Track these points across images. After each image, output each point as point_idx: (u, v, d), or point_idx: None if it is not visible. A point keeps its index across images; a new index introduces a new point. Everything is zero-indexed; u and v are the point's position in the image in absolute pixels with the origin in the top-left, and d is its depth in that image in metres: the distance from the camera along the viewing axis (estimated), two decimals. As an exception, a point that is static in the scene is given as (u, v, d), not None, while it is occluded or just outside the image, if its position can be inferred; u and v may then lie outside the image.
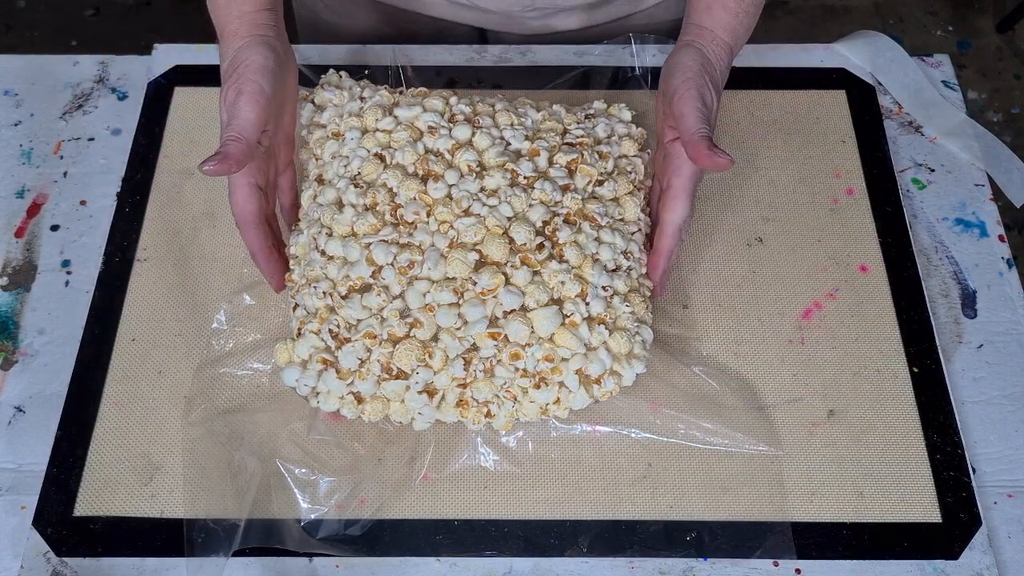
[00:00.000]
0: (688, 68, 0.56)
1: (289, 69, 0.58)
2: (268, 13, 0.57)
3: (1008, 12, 1.80)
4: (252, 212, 0.56)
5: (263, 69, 0.54)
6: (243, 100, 0.53)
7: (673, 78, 0.56)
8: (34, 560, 0.54)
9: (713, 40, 0.58)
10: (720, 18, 0.58)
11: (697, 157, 0.53)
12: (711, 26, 0.58)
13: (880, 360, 0.60)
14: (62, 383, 0.59)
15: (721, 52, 0.58)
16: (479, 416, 0.53)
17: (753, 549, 0.54)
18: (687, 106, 0.54)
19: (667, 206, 0.57)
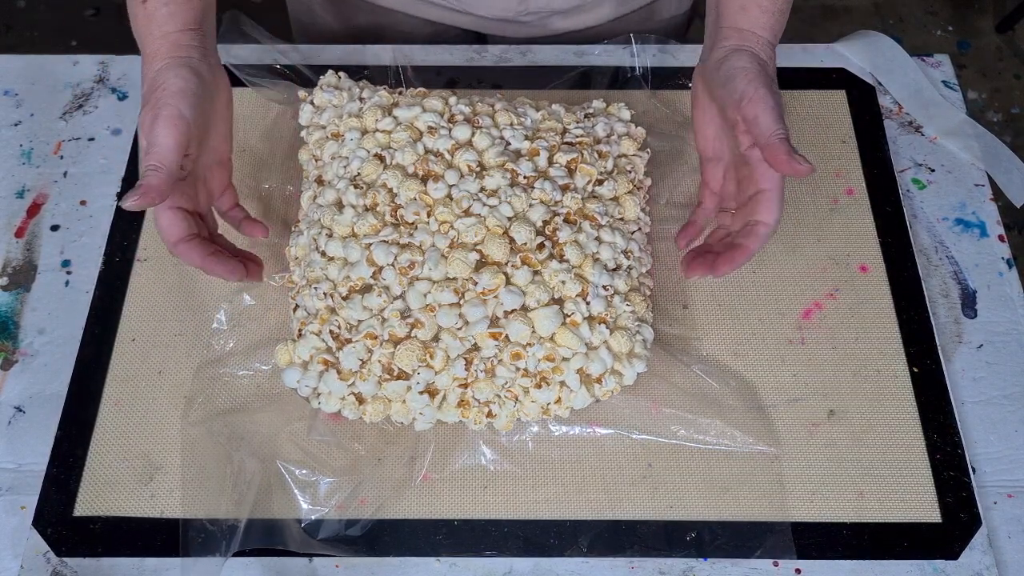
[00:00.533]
0: (748, 71, 0.53)
1: (217, 90, 0.56)
2: (192, 33, 0.54)
3: (1008, 12, 1.80)
4: (179, 233, 0.54)
5: (182, 92, 0.52)
6: (160, 125, 0.51)
7: (735, 83, 0.53)
8: (34, 560, 0.54)
9: (758, 41, 0.55)
10: (758, 18, 0.55)
11: (776, 162, 0.51)
12: (751, 28, 0.55)
13: (880, 360, 0.60)
14: (62, 383, 0.59)
15: (770, 51, 0.56)
16: (480, 416, 0.53)
17: (753, 549, 0.54)
18: (759, 107, 0.51)
19: (761, 210, 0.55)
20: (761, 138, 0.51)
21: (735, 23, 0.56)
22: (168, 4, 0.54)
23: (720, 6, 0.57)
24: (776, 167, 0.51)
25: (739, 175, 0.57)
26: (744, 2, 0.56)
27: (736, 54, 0.55)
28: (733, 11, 0.56)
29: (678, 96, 0.71)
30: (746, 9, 0.55)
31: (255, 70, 0.68)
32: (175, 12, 0.54)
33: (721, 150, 0.59)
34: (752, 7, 0.55)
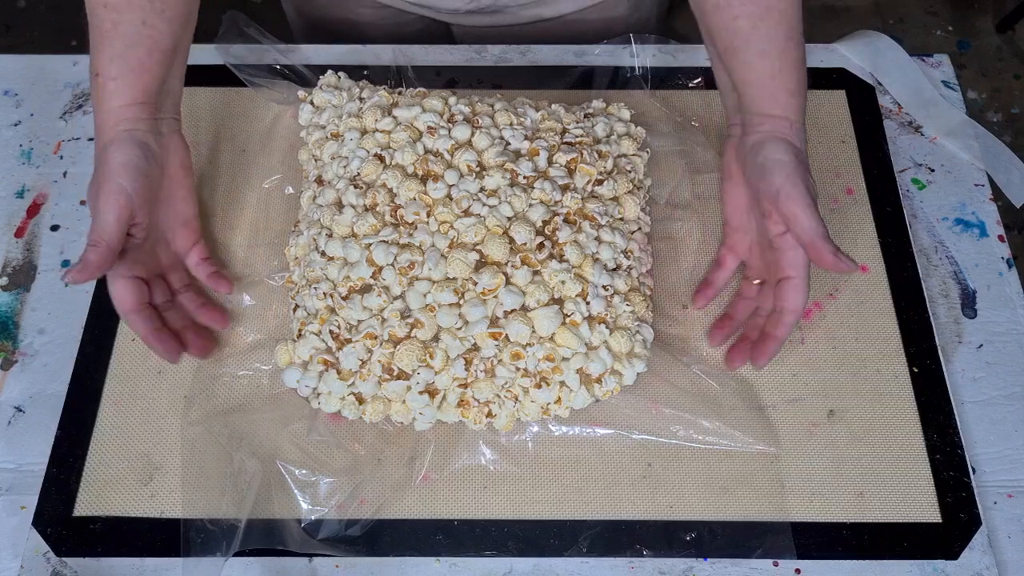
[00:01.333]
0: (784, 164, 0.53)
1: (168, 157, 0.57)
2: (140, 107, 0.55)
3: (1008, 12, 1.80)
4: (131, 303, 0.55)
5: (123, 167, 0.53)
6: (101, 201, 0.53)
7: (772, 177, 0.54)
8: (34, 560, 0.54)
9: (791, 127, 0.55)
10: (787, 103, 0.55)
11: (819, 260, 0.53)
12: (783, 114, 0.55)
13: (880, 360, 0.60)
14: (62, 383, 0.59)
15: (802, 135, 0.56)
16: (480, 416, 0.53)
17: (753, 549, 0.54)
18: (798, 205, 0.52)
19: (787, 296, 0.56)
20: (804, 237, 0.53)
21: (765, 110, 0.56)
22: (117, 79, 0.54)
23: (745, 95, 0.56)
24: (820, 264, 0.53)
25: (764, 256, 0.59)
26: (772, 90, 0.55)
27: (772, 144, 0.55)
28: (763, 102, 0.56)
29: (678, 96, 0.71)
30: (775, 97, 0.55)
31: (255, 70, 0.68)
32: (122, 87, 0.54)
33: (748, 225, 0.60)
34: (780, 93, 0.55)
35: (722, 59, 0.57)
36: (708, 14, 0.57)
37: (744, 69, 0.56)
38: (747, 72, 0.56)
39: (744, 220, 0.60)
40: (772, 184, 0.54)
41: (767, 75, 0.55)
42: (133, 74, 0.54)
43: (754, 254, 0.60)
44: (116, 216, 0.52)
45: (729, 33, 0.55)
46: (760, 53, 0.55)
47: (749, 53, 0.55)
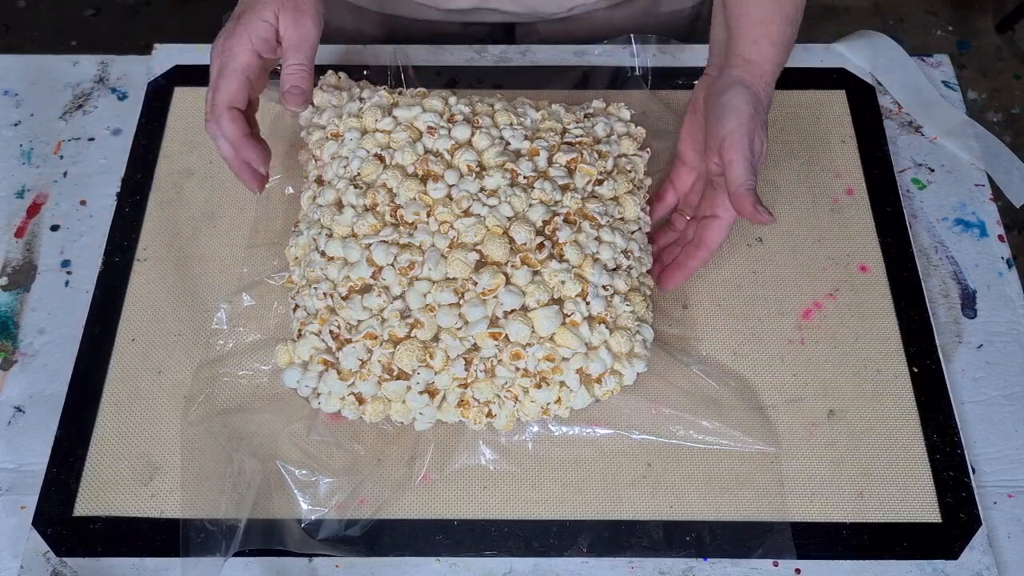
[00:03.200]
0: (741, 112, 0.55)
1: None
2: None
3: (1008, 12, 1.80)
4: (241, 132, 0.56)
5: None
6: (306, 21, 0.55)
7: (725, 120, 0.55)
8: (34, 560, 0.54)
9: (762, 77, 0.57)
10: (767, 52, 0.57)
11: (741, 208, 0.54)
12: (759, 60, 0.57)
13: (880, 360, 0.60)
14: (62, 383, 0.59)
15: (769, 89, 0.58)
16: (480, 416, 0.53)
17: (753, 549, 0.54)
18: (736, 154, 0.54)
19: (709, 232, 0.59)
20: (731, 185, 0.55)
21: (745, 53, 0.58)
22: None
23: (733, 31, 0.59)
24: (741, 213, 0.55)
25: (704, 192, 0.61)
26: (757, 35, 0.57)
27: (738, 89, 0.57)
28: (746, 42, 0.58)
29: (678, 96, 0.71)
30: (758, 42, 0.57)
31: (255, 70, 0.68)
32: None
33: (698, 162, 0.62)
34: (763, 40, 0.57)
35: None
36: None
37: (739, 9, 0.58)
38: (741, 12, 0.58)
39: (694, 157, 0.62)
40: (723, 127, 0.55)
41: (757, 18, 0.57)
42: None
43: (694, 191, 0.62)
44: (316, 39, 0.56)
45: None
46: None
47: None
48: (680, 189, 0.63)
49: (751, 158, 0.55)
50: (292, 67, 0.56)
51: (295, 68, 0.56)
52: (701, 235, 0.59)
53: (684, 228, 0.63)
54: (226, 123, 0.56)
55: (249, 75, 0.56)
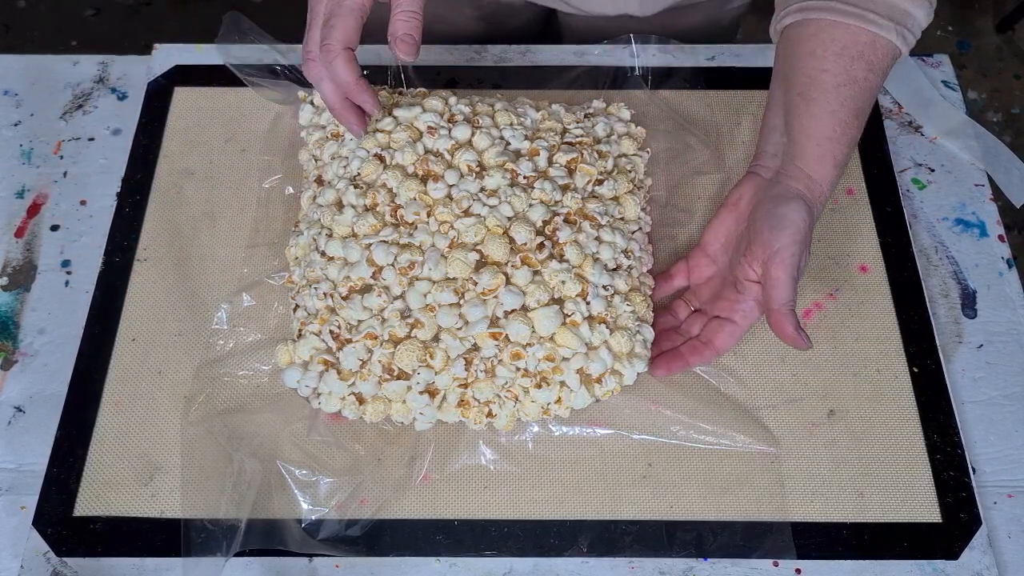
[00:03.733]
0: (797, 229, 0.53)
1: None
2: None
3: (1008, 12, 1.80)
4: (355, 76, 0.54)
5: None
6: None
7: (781, 233, 0.53)
8: (34, 560, 0.54)
9: (820, 196, 0.56)
10: (830, 173, 0.55)
11: (780, 328, 0.53)
12: (820, 179, 0.55)
13: (880, 360, 0.60)
14: (62, 383, 0.59)
15: (821, 209, 0.56)
16: (480, 416, 0.53)
17: (753, 549, 0.54)
18: (785, 272, 0.52)
19: (721, 337, 0.57)
20: (774, 303, 0.53)
21: (809, 168, 0.55)
22: None
23: (796, 141, 0.56)
24: (778, 332, 0.53)
25: (720, 291, 0.59)
26: (824, 153, 0.55)
27: (797, 203, 0.54)
28: (811, 158, 0.55)
29: (678, 96, 0.71)
30: (823, 161, 0.55)
31: (255, 70, 0.68)
32: None
33: (719, 258, 0.60)
34: (829, 161, 0.55)
35: (788, 103, 0.57)
36: (798, 57, 0.56)
37: (808, 120, 0.55)
38: (810, 124, 0.55)
39: (719, 252, 0.60)
40: (777, 240, 0.53)
41: (826, 136, 0.55)
42: None
43: (708, 285, 0.60)
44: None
45: (810, 81, 0.55)
46: (830, 113, 0.55)
47: (820, 107, 0.55)
48: (695, 279, 0.61)
49: (795, 277, 0.53)
50: (406, 13, 0.52)
51: (409, 15, 0.51)
52: (712, 338, 0.57)
53: (685, 319, 0.60)
54: (341, 65, 0.52)
55: (363, 15, 0.52)
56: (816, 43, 0.55)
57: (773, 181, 0.57)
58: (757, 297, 0.56)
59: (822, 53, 0.55)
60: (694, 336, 0.58)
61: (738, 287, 0.57)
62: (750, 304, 0.56)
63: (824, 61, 0.55)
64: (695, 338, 0.58)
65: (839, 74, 0.54)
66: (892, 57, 0.56)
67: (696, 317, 0.59)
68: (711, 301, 0.59)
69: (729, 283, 0.58)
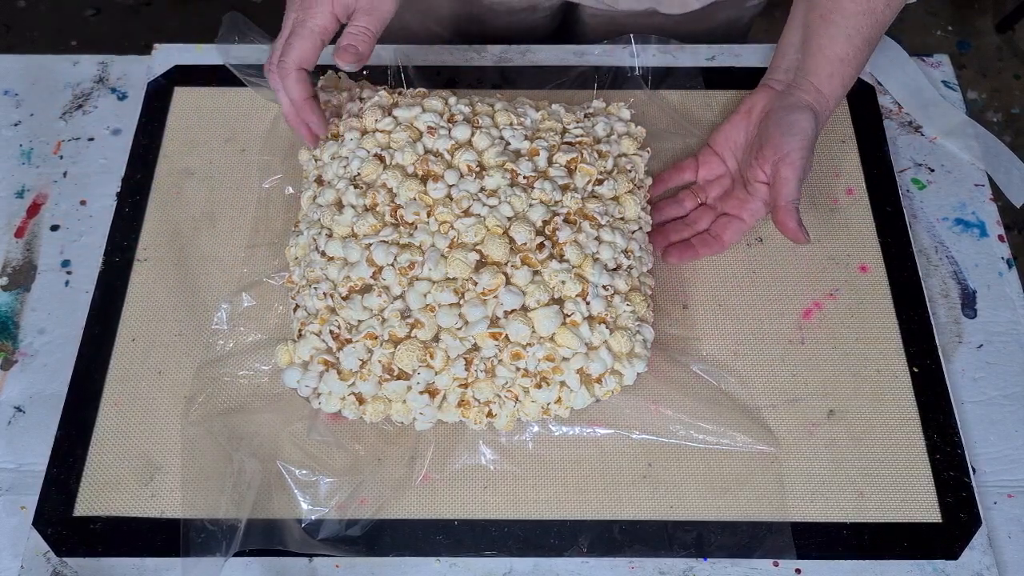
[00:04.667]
0: (805, 136, 0.58)
1: None
2: None
3: (1008, 12, 1.80)
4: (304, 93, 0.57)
5: None
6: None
7: (792, 138, 0.58)
8: (34, 560, 0.54)
9: (826, 108, 0.60)
10: (837, 91, 0.60)
11: (784, 222, 0.58)
12: (828, 94, 0.60)
13: (880, 360, 0.60)
14: (62, 383, 0.59)
15: (825, 122, 0.61)
16: (481, 416, 0.53)
17: (753, 549, 0.54)
18: (792, 173, 0.57)
19: (728, 231, 0.62)
20: (781, 199, 0.58)
21: (819, 83, 0.60)
22: None
23: (811, 58, 0.61)
24: (781, 227, 0.58)
25: (731, 190, 0.63)
26: (834, 71, 0.60)
27: (807, 112, 0.59)
28: (823, 73, 0.60)
29: (678, 96, 0.71)
30: (833, 78, 0.60)
31: (255, 70, 0.68)
32: None
33: (730, 158, 0.64)
34: (837, 79, 0.60)
35: (809, 23, 0.61)
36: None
37: (825, 40, 0.60)
38: (826, 45, 0.60)
39: (728, 153, 0.64)
40: (787, 143, 0.57)
41: (838, 56, 0.59)
42: None
43: (718, 183, 0.64)
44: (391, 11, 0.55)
45: (834, 5, 0.59)
46: (846, 36, 0.59)
47: (838, 29, 0.59)
48: (703, 175, 0.65)
49: (803, 178, 0.58)
50: (357, 28, 0.55)
51: (360, 29, 0.55)
52: (720, 232, 0.62)
53: (692, 210, 0.64)
54: (292, 83, 0.56)
55: (324, 38, 0.55)
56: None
57: (785, 93, 0.61)
58: (765, 197, 0.60)
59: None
60: (703, 230, 0.63)
61: (748, 188, 0.61)
62: (758, 204, 0.61)
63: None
64: (705, 232, 0.63)
65: (860, 2, 0.59)
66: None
67: (704, 211, 0.64)
68: (720, 199, 0.64)
69: (739, 183, 0.63)
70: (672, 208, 0.65)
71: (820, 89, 0.60)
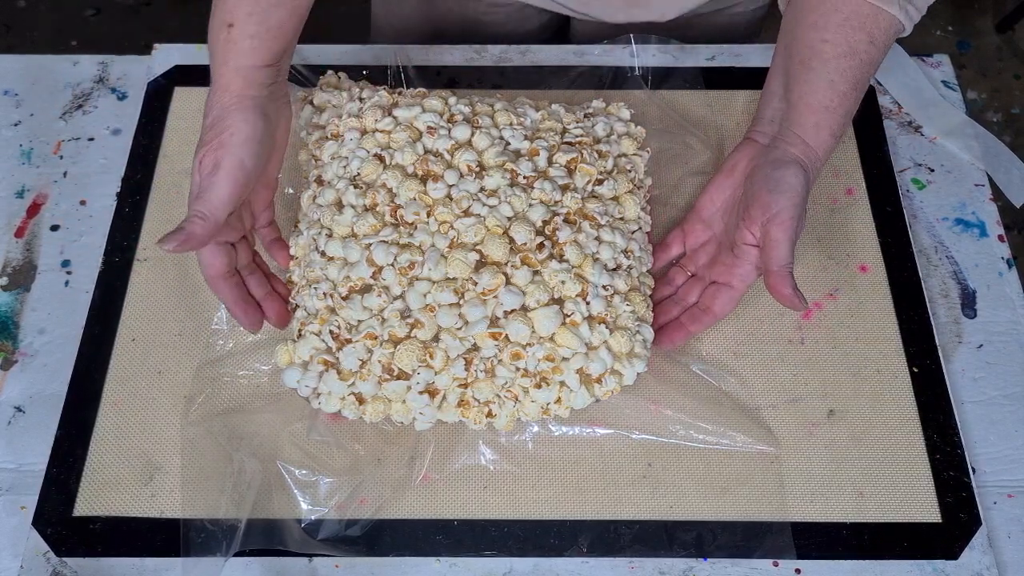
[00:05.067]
0: (795, 193, 0.54)
1: (279, 124, 0.56)
2: (269, 70, 0.53)
3: (1008, 12, 1.80)
4: (219, 269, 0.54)
5: (248, 141, 0.51)
6: (220, 176, 0.51)
7: (780, 196, 0.53)
8: (34, 560, 0.54)
9: (816, 162, 0.56)
10: (826, 142, 0.56)
11: (778, 289, 0.53)
12: (816, 147, 0.56)
13: (880, 360, 0.60)
14: (62, 383, 0.59)
15: (816, 177, 0.57)
16: (480, 416, 0.53)
17: (753, 549, 0.54)
18: (783, 234, 0.53)
19: (719, 302, 0.58)
20: (773, 264, 0.53)
21: (805, 136, 0.56)
22: (254, 37, 0.52)
23: (795, 108, 0.57)
24: (774, 292, 0.54)
25: (717, 256, 0.59)
26: (820, 121, 0.56)
27: (796, 168, 0.55)
28: (808, 125, 0.56)
29: (678, 96, 0.71)
30: (819, 129, 0.56)
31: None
32: (258, 47, 0.52)
33: (714, 222, 0.61)
34: (825, 129, 0.56)
35: (789, 70, 0.57)
36: (801, 27, 0.57)
37: (806, 88, 0.56)
38: (808, 93, 0.56)
39: (714, 216, 0.60)
40: (775, 202, 0.53)
41: (823, 105, 0.55)
42: (271, 35, 0.52)
43: (704, 250, 0.61)
44: (230, 193, 0.51)
45: (811, 51, 0.56)
46: (828, 83, 0.55)
47: (819, 76, 0.55)
48: (690, 244, 0.61)
49: (794, 240, 0.54)
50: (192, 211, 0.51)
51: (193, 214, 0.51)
52: (710, 303, 0.58)
53: (682, 285, 0.61)
54: (217, 290, 0.54)
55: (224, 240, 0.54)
56: (819, 14, 0.56)
57: (771, 147, 0.57)
58: (754, 261, 0.56)
59: (824, 24, 0.55)
60: (692, 304, 0.59)
61: (735, 251, 0.57)
62: (747, 268, 0.56)
63: (825, 31, 0.55)
64: (694, 306, 0.59)
65: (839, 44, 0.55)
66: (894, 31, 0.56)
67: (693, 283, 0.60)
68: (708, 266, 0.60)
69: (726, 248, 0.58)
70: (662, 288, 0.61)
71: (807, 141, 0.56)
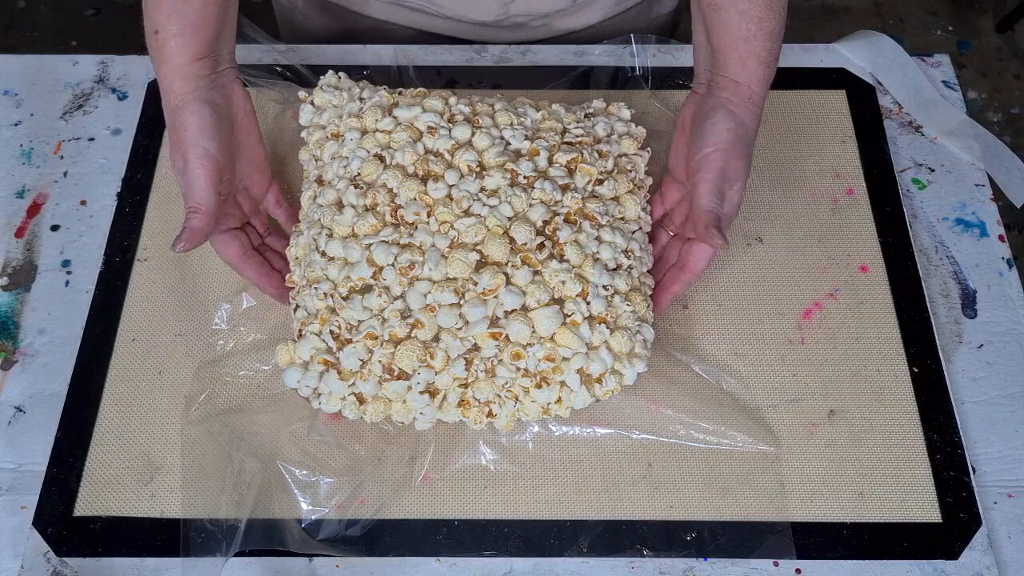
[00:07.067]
0: (720, 139, 0.55)
1: (235, 108, 0.57)
2: (202, 63, 0.55)
3: (1008, 12, 1.80)
4: (238, 253, 0.58)
5: (201, 129, 0.53)
6: (192, 169, 0.53)
7: (704, 144, 0.55)
8: (34, 560, 0.54)
9: (750, 98, 0.56)
10: (755, 71, 0.56)
11: (695, 228, 0.56)
12: (746, 80, 0.56)
13: (880, 360, 0.60)
14: (62, 383, 0.59)
15: (757, 111, 0.57)
16: (481, 416, 0.53)
17: (753, 549, 0.54)
18: (704, 178, 0.55)
19: (693, 256, 0.58)
20: (693, 207, 0.56)
21: (732, 74, 0.56)
22: (179, 35, 0.54)
23: (717, 51, 0.57)
24: (696, 234, 0.56)
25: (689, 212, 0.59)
26: (743, 54, 0.56)
27: (720, 113, 0.56)
28: (731, 62, 0.56)
29: (678, 96, 0.71)
30: (744, 61, 0.56)
31: (255, 70, 0.68)
32: (186, 43, 0.54)
33: (686, 179, 0.60)
34: (750, 59, 0.56)
35: (703, 15, 0.58)
36: None
37: (721, 28, 0.56)
38: (723, 31, 0.56)
39: (683, 174, 0.61)
40: (700, 151, 0.55)
41: (740, 37, 0.56)
42: (193, 29, 0.54)
43: (679, 209, 0.62)
44: (207, 179, 0.53)
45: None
46: (739, 13, 0.55)
47: (729, 12, 0.55)
48: (668, 203, 0.63)
49: (720, 183, 0.54)
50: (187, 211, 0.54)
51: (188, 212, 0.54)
52: (685, 259, 0.59)
53: (666, 244, 0.62)
54: (241, 272, 0.58)
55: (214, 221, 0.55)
56: None
57: (706, 95, 0.58)
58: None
59: None
60: (673, 264, 0.60)
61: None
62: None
63: None
64: (673, 266, 0.60)
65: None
66: None
67: (674, 242, 0.62)
68: (683, 224, 0.61)
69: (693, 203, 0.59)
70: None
71: (736, 79, 0.56)
